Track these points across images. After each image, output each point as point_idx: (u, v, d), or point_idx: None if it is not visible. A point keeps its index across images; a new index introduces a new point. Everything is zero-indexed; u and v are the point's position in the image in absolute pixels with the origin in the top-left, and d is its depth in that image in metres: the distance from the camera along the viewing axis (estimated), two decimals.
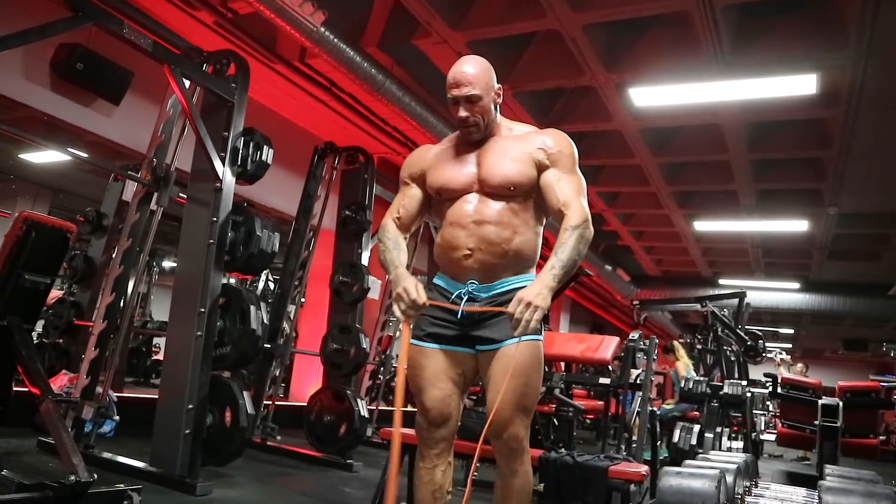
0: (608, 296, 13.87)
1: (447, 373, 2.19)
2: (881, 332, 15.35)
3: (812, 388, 6.91)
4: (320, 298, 6.17)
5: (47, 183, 10.13)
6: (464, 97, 2.16)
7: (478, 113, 2.18)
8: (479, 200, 2.18)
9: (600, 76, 5.51)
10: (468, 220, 2.17)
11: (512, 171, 2.16)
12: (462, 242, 2.17)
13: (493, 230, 2.15)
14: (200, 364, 3.58)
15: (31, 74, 4.62)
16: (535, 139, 2.23)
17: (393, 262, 2.27)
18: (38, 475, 2.84)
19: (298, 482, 4.29)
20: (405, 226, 2.36)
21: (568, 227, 2.07)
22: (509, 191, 2.16)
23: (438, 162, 2.31)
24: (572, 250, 2.04)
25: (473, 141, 2.25)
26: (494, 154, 2.21)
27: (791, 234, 9.46)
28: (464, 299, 2.17)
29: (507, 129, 2.30)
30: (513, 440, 2.12)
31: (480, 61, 2.23)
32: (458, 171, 2.23)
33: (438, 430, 2.20)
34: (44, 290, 2.91)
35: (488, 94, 2.19)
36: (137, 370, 8.98)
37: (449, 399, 2.19)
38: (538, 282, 2.01)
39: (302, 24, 4.31)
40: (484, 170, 2.19)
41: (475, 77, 2.17)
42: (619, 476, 3.05)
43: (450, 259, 2.22)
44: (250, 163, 3.99)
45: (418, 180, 2.36)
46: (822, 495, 2.62)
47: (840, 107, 5.60)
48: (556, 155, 2.19)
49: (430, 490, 2.22)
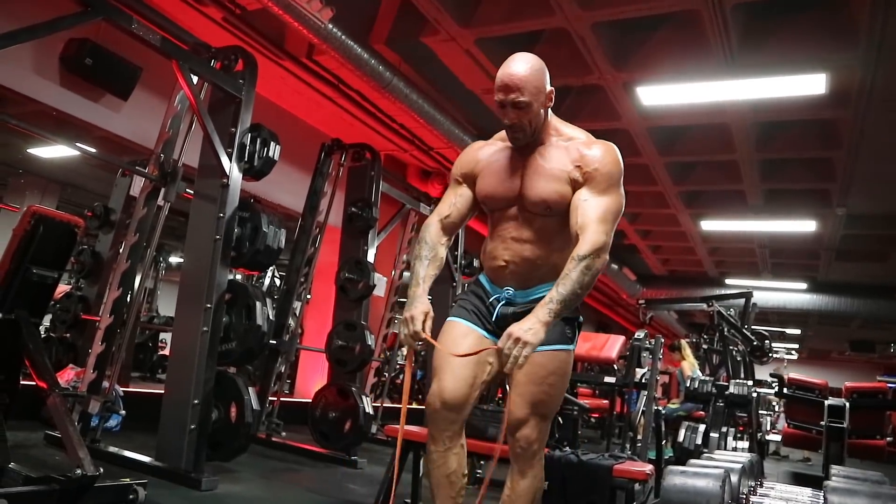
0: (614, 295, 13.84)
1: (477, 357, 2.13)
2: (889, 333, 15.27)
3: (818, 389, 6.89)
4: (326, 295, 6.17)
5: (56, 178, 10.17)
6: (511, 103, 2.07)
7: (525, 119, 2.09)
8: (520, 216, 2.18)
9: (608, 75, 5.49)
10: (508, 235, 2.19)
11: (548, 192, 2.11)
12: (500, 254, 2.20)
13: (529, 248, 2.16)
14: (206, 359, 3.59)
15: (40, 69, 4.64)
16: (576, 153, 2.12)
17: (418, 275, 2.19)
18: (44, 468, 2.86)
19: (303, 478, 4.30)
20: (452, 225, 2.31)
21: (575, 256, 1.97)
22: (546, 210, 2.13)
23: (488, 167, 2.25)
24: (574, 283, 1.95)
25: (519, 145, 2.18)
26: (535, 169, 2.15)
27: (799, 235, 9.41)
28: (500, 303, 2.20)
29: (556, 133, 2.20)
30: (524, 441, 2.10)
31: (532, 62, 2.11)
32: (503, 184, 2.19)
33: (450, 412, 2.13)
34: (51, 284, 2.92)
35: (538, 98, 2.09)
36: (144, 365, 9.02)
37: (471, 382, 2.14)
38: (532, 316, 1.93)
39: (310, 21, 4.31)
40: (524, 186, 2.15)
41: (525, 81, 2.06)
42: (624, 475, 3.05)
43: (490, 266, 2.26)
44: (257, 159, 3.99)
45: (469, 181, 2.30)
46: (828, 495, 2.62)
47: (849, 107, 5.57)
48: (590, 174, 2.08)
49: (444, 473, 2.16)
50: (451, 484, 2.17)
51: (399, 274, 6.37)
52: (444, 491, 2.17)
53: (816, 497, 3.25)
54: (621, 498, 3.02)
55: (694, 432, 5.87)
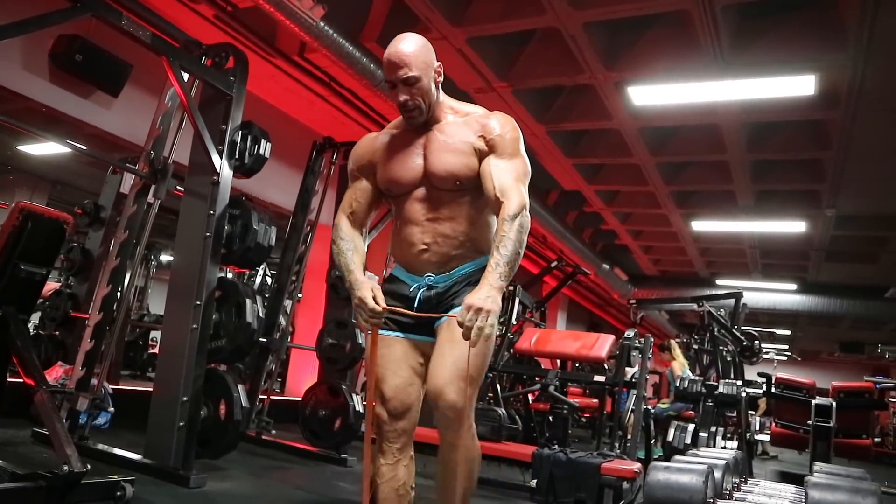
0: (605, 295, 13.88)
1: (407, 361, 2.13)
2: (878, 334, 15.38)
3: (806, 388, 6.93)
4: (317, 293, 6.17)
5: (45, 175, 10.12)
6: (401, 80, 2.06)
7: (417, 96, 2.09)
8: (430, 195, 2.13)
9: (600, 74, 5.50)
10: (422, 218, 2.14)
11: (455, 164, 2.09)
12: (418, 238, 2.14)
13: (448, 226, 2.12)
14: (196, 356, 3.59)
15: (29, 65, 4.62)
16: (476, 125, 2.14)
17: (348, 265, 2.19)
18: (31, 465, 2.84)
19: (292, 476, 4.30)
20: (360, 221, 2.30)
21: (506, 217, 1.98)
22: (456, 184, 2.10)
23: (385, 154, 2.22)
24: (514, 242, 1.96)
25: (417, 125, 2.16)
26: (438, 145, 2.13)
27: (789, 236, 9.46)
28: (421, 290, 2.14)
29: (451, 111, 2.20)
30: (448, 409, 1.98)
31: (416, 39, 2.12)
32: (406, 166, 2.16)
33: (399, 421, 2.11)
34: (40, 280, 2.92)
35: (427, 74, 2.09)
36: (134, 363, 9.00)
37: (409, 388, 2.11)
38: (485, 284, 1.92)
39: (301, 19, 4.31)
40: (429, 164, 2.12)
41: (412, 57, 2.07)
42: (612, 473, 3.07)
43: (406, 254, 2.20)
44: (248, 156, 3.99)
45: (367, 172, 2.28)
46: (809, 490, 2.64)
47: (839, 108, 5.61)
48: (495, 140, 2.10)
49: (392, 487, 2.10)
50: (400, 497, 2.10)
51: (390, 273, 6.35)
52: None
53: (799, 493, 3.28)
54: (609, 496, 3.04)
55: (683, 432, 5.90)
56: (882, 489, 2.77)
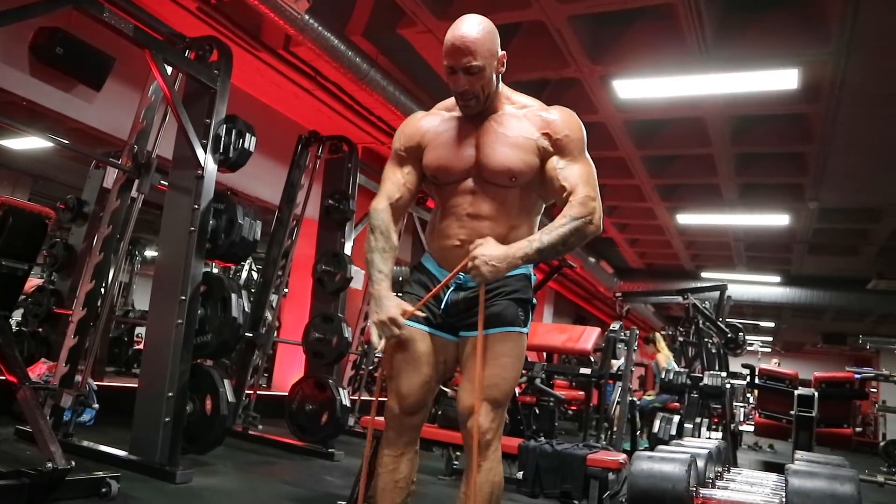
0: (592, 288, 13.94)
1: (429, 358, 2.05)
2: (860, 325, 15.56)
3: (789, 379, 7.02)
4: (303, 288, 6.15)
5: (27, 169, 10.00)
6: (463, 68, 1.92)
7: (478, 86, 1.95)
8: (477, 189, 2.01)
9: (585, 68, 5.52)
10: (463, 212, 2.02)
11: (512, 159, 1.96)
12: (454, 233, 2.03)
13: (487, 225, 2.00)
14: (181, 352, 3.57)
15: (9, 58, 4.55)
16: (539, 120, 2.01)
17: (378, 266, 2.05)
18: (15, 463, 2.82)
19: (280, 471, 4.30)
20: (402, 208, 2.13)
21: (568, 215, 1.90)
22: (510, 180, 1.98)
23: (436, 138, 2.07)
24: (561, 237, 1.88)
25: (471, 114, 2.03)
26: (494, 136, 2.00)
27: (772, 228, 9.55)
28: (450, 288, 2.05)
29: (508, 101, 2.07)
30: (476, 431, 1.94)
31: (483, 23, 1.98)
32: (456, 154, 2.02)
33: (411, 417, 2.06)
34: (21, 276, 2.90)
35: (491, 63, 1.95)
36: (119, 359, 8.93)
37: (427, 386, 2.06)
38: (505, 250, 1.86)
39: (286, 12, 4.28)
40: (482, 155, 1.99)
41: (477, 44, 1.92)
42: (598, 464, 3.09)
43: (440, 246, 2.09)
44: (233, 150, 3.97)
45: (414, 155, 2.10)
46: (789, 478, 2.67)
47: (821, 102, 5.66)
48: (561, 140, 1.98)
49: (393, 478, 2.06)
50: (400, 490, 2.07)
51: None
52: (390, 496, 2.06)
53: (781, 481, 3.32)
54: (595, 487, 3.06)
55: (668, 423, 5.96)
56: (861, 477, 2.81)
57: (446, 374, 2.15)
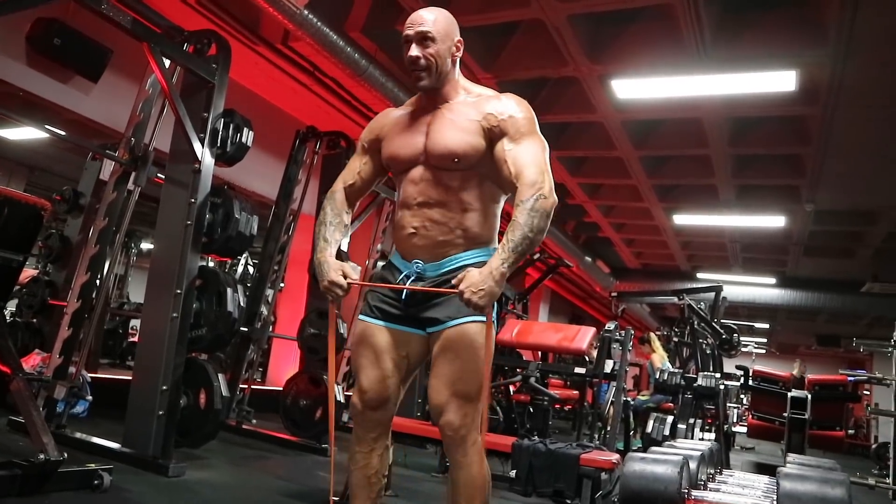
0: (588, 287, 13.96)
1: (389, 353, 2.05)
2: (854, 328, 15.60)
3: (782, 381, 7.04)
4: (299, 283, 6.15)
5: (23, 160, 9.97)
6: (416, 35, 2.02)
7: (430, 56, 2.01)
8: (425, 176, 2.04)
9: (584, 67, 5.52)
10: (414, 201, 2.05)
11: (456, 141, 2.00)
12: (408, 222, 2.06)
13: (437, 211, 2.02)
14: (176, 345, 3.57)
15: (6, 48, 4.54)
16: (488, 105, 2.05)
17: (325, 237, 2.13)
18: (7, 454, 2.82)
19: (273, 466, 4.30)
20: (356, 193, 2.25)
21: (519, 201, 1.90)
22: (453, 163, 2.00)
23: (393, 129, 2.16)
24: (523, 227, 1.86)
25: (426, 90, 2.09)
26: (443, 123, 2.05)
27: (769, 230, 9.56)
28: (410, 279, 2.05)
29: (464, 92, 2.12)
30: (448, 428, 1.95)
31: (443, 11, 2.09)
32: (407, 142, 2.09)
33: (374, 412, 2.06)
34: (16, 267, 2.89)
35: (444, 41, 2.04)
36: (114, 352, 8.93)
37: (387, 381, 2.05)
38: (486, 269, 1.83)
39: (285, 7, 4.27)
40: (429, 140, 2.04)
41: (433, 19, 2.04)
42: (591, 464, 3.10)
43: (398, 237, 2.12)
44: (230, 145, 3.96)
45: (375, 146, 2.21)
46: (780, 481, 2.69)
47: (818, 104, 5.66)
48: (507, 122, 1.99)
49: (364, 474, 2.08)
50: (371, 485, 2.09)
51: (373, 263, 6.36)
52: (363, 492, 2.08)
53: (772, 484, 3.34)
54: (587, 486, 3.07)
55: (662, 423, 5.97)
56: (852, 479, 2.82)
57: (411, 369, 2.13)
